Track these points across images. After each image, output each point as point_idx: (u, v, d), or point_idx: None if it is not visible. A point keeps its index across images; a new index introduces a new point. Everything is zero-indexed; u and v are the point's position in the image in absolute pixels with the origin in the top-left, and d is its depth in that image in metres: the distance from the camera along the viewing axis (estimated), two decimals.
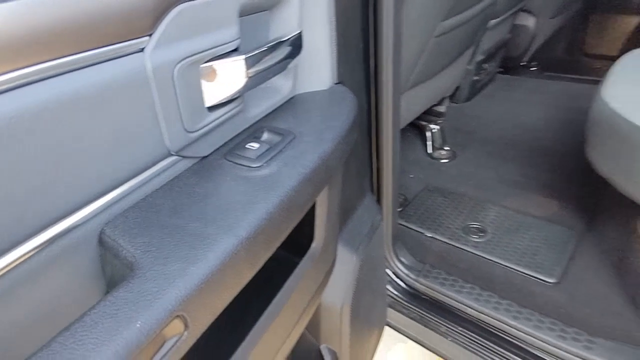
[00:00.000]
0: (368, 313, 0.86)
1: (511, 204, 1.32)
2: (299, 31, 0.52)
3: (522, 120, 1.68)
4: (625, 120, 0.79)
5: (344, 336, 0.74)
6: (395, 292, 1.09)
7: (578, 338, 0.90)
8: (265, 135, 0.48)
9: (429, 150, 1.62)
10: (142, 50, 0.35)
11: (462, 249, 1.18)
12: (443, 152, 1.60)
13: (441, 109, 1.64)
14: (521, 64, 2.04)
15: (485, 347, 0.97)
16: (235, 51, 0.44)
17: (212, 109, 0.43)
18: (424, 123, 1.66)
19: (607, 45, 2.04)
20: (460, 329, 1.00)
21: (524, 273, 1.08)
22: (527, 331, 0.94)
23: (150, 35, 0.35)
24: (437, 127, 1.65)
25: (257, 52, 0.45)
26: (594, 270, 1.05)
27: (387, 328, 1.12)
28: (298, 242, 0.58)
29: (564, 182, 1.36)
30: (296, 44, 0.52)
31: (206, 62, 0.40)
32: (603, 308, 0.96)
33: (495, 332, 0.98)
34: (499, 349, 0.95)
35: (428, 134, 1.65)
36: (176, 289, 0.29)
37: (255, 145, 0.46)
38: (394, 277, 1.10)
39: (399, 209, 1.36)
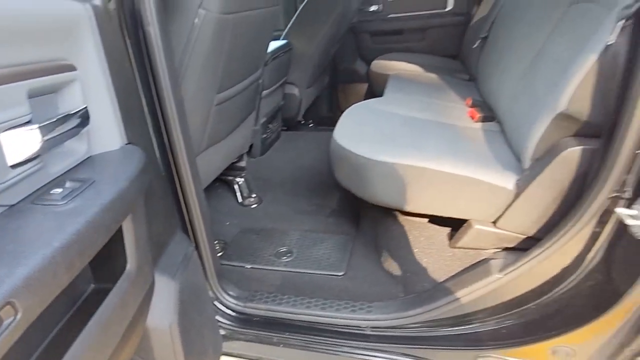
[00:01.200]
0: (200, 335, 0.98)
1: (308, 227, 1.65)
2: (84, 106, 0.67)
3: (305, 164, 2.12)
4: (343, 148, 1.20)
5: (178, 356, 0.84)
6: (230, 323, 1.23)
7: (362, 307, 1.21)
8: (68, 184, 0.60)
9: (240, 199, 1.87)
10: None
11: (276, 270, 1.42)
12: (251, 199, 1.86)
13: (242, 164, 1.94)
14: (300, 122, 2.57)
15: (309, 340, 1.19)
16: (29, 122, 0.57)
17: (15, 166, 0.54)
18: (230, 178, 1.91)
19: (352, 103, 2.80)
20: (287, 334, 1.21)
21: (323, 274, 1.38)
22: (332, 315, 1.21)
23: None
24: (242, 179, 1.92)
25: (48, 122, 0.59)
26: (365, 258, 1.43)
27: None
28: (116, 272, 0.69)
29: (339, 203, 1.79)
30: (84, 116, 0.67)
31: (4, 130, 0.52)
32: (373, 282, 1.33)
33: (312, 325, 1.21)
34: (318, 337, 1.19)
35: (236, 186, 1.90)
36: (4, 283, 0.40)
37: (59, 190, 0.58)
38: (225, 309, 1.24)
39: (220, 253, 1.53)
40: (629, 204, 0.82)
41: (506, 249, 1.15)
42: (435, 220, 1.32)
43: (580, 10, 1.09)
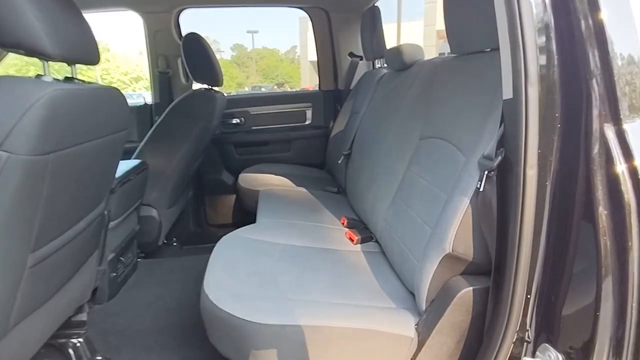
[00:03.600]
0: None
1: None
2: None
3: (170, 303, 1.75)
4: (215, 306, 0.96)
5: None
6: None
7: None
8: None
9: None
10: None
11: None
12: None
13: (81, 317, 1.48)
14: (164, 242, 2.20)
15: None
16: None
17: None
18: (62, 340, 1.43)
19: (222, 216, 2.60)
20: None
21: None
22: None
23: None
24: (81, 338, 1.45)
25: None
26: None
27: None
28: None
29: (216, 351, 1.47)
30: None
31: None
32: None
33: None
34: None
35: (71, 351, 1.42)
36: None
37: None
38: None
39: None
40: (534, 350, 0.78)
41: None
42: None
43: (433, 145, 1.16)
